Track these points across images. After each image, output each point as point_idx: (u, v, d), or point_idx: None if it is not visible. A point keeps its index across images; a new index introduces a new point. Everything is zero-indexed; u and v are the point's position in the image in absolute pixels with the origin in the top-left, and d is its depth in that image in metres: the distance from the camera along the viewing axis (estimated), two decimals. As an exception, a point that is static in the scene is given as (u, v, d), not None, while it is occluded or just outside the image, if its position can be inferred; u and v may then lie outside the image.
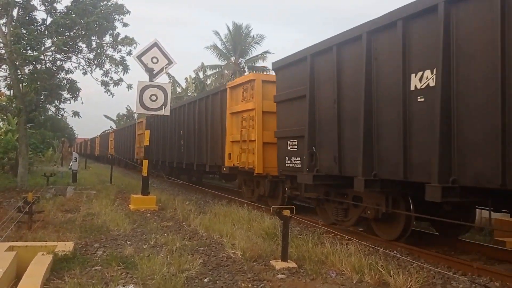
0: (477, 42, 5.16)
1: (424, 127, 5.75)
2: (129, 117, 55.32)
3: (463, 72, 5.29)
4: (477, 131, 5.09)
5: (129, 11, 14.38)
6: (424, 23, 5.83)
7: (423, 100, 5.77)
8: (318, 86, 7.94)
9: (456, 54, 5.38)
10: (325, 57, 7.71)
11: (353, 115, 6.96)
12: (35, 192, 10.27)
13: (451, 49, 5.41)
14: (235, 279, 5.02)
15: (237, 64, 37.32)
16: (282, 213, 5.67)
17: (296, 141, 8.68)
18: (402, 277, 4.80)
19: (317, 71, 7.97)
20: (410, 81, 5.95)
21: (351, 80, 7.10)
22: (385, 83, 6.43)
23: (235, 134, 11.54)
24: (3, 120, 22.90)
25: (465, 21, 5.31)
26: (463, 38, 5.32)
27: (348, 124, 7.14)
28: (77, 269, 5.09)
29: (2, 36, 13.72)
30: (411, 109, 5.93)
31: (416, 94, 5.87)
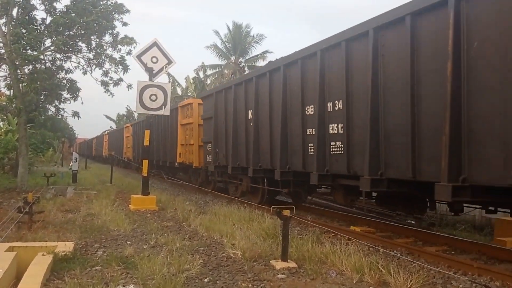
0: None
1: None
2: (129, 117, 55.37)
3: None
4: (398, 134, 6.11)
5: (128, 10, 14.39)
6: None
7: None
8: (217, 113, 12.95)
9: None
10: (227, 93, 12.28)
11: (232, 130, 11.71)
12: (35, 193, 10.28)
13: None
14: (235, 279, 5.02)
15: (237, 64, 37.35)
16: (282, 213, 5.67)
17: (210, 144, 13.45)
18: (402, 276, 4.79)
19: (216, 104, 13.03)
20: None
21: (230, 111, 11.90)
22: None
23: (182, 140, 16.39)
24: (3, 120, 22.90)
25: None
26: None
27: (230, 136, 11.87)
28: (77, 269, 5.08)
29: (2, 36, 13.71)
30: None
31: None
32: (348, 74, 7.16)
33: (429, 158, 5.67)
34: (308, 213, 10.20)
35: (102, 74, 14.62)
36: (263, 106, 10.07)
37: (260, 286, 4.81)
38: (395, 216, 9.89)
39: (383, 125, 6.44)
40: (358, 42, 6.98)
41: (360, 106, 6.90)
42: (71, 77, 15.08)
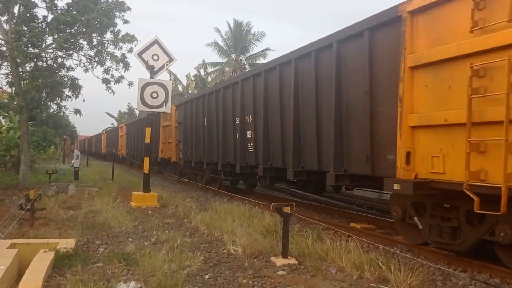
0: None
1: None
2: (130, 114, 55.40)
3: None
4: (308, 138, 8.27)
5: (129, 8, 14.38)
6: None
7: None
8: (186, 119, 15.92)
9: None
10: (191, 104, 15.40)
11: (195, 133, 14.88)
12: (37, 190, 10.31)
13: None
14: (236, 276, 5.05)
15: (238, 61, 37.32)
16: (282, 210, 5.69)
17: (181, 144, 16.56)
18: (402, 273, 4.82)
19: (186, 112, 16.07)
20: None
21: (194, 118, 15.07)
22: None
23: (163, 138, 19.79)
24: (5, 117, 22.95)
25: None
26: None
27: (193, 137, 14.98)
28: (78, 266, 5.11)
29: (3, 34, 13.73)
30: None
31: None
32: (254, 97, 10.44)
33: (326, 155, 7.64)
34: (308, 210, 10.23)
35: (103, 72, 14.67)
36: (212, 116, 13.40)
37: (260, 282, 4.84)
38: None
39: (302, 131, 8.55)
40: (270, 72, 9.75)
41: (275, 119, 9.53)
42: (72, 75, 15.12)
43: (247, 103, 10.82)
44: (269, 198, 12.51)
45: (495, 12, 4.74)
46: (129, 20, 14.50)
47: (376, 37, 6.49)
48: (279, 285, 4.76)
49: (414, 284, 4.70)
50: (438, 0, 5.35)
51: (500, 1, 4.70)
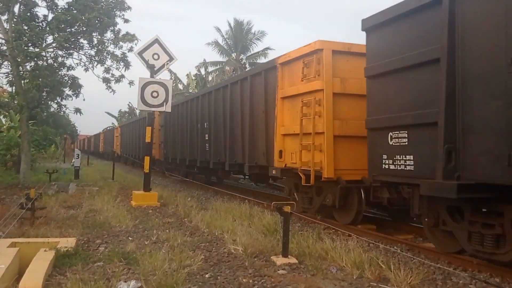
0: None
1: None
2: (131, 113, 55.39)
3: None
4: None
5: (130, 7, 14.38)
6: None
7: None
8: (166, 123, 19.70)
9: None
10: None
11: (172, 135, 18.52)
12: (38, 189, 10.32)
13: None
14: (236, 275, 5.05)
15: (239, 61, 37.31)
16: (283, 209, 5.69)
17: (163, 144, 20.51)
18: (402, 272, 4.82)
19: (166, 117, 19.40)
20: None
21: (172, 122, 18.80)
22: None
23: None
24: (6, 117, 22.95)
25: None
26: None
27: (171, 138, 18.70)
28: (79, 265, 5.12)
29: (4, 33, 13.73)
30: None
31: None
32: (209, 109, 13.80)
33: (246, 152, 10.79)
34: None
35: (103, 71, 14.63)
36: (183, 121, 16.69)
37: (261, 281, 4.84)
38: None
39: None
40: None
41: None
42: (73, 74, 15.10)
43: (205, 113, 14.23)
44: (268, 197, 12.49)
45: (311, 70, 8.13)
46: (129, 19, 14.52)
47: (267, 76, 9.91)
48: (280, 284, 4.76)
49: (414, 283, 4.71)
50: (290, 59, 8.90)
51: (310, 63, 8.20)
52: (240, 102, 11.33)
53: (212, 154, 13.33)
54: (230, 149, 11.85)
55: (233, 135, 11.78)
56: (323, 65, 7.85)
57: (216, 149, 13.11)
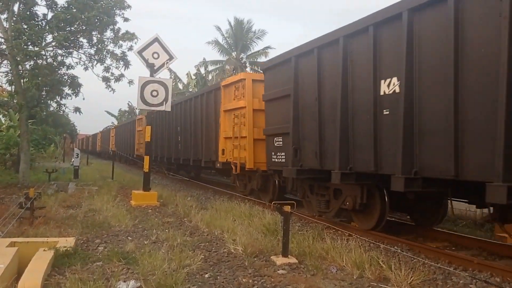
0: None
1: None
2: (131, 112, 55.35)
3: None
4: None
5: (130, 6, 14.31)
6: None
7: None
8: (152, 125, 15.66)
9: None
10: (155, 115, 15.93)
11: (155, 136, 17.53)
12: (37, 188, 10.31)
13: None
14: (236, 275, 5.03)
15: (239, 60, 37.28)
16: (283, 209, 5.68)
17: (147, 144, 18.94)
18: (403, 272, 4.80)
19: (152, 120, 14.65)
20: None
21: (156, 125, 18.15)
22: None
23: (138, 140, 21.90)
24: (5, 116, 22.92)
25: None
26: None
27: (155, 138, 17.67)
28: (78, 265, 5.10)
29: (3, 32, 13.70)
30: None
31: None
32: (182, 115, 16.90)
33: (202, 151, 14.21)
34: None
35: (103, 70, 14.58)
36: (164, 124, 19.18)
37: (260, 281, 4.82)
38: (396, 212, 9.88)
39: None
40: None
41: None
42: (72, 73, 15.06)
43: (178, 119, 16.93)
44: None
45: (239, 92, 11.35)
46: (129, 18, 14.46)
47: (215, 94, 13.20)
48: (279, 284, 4.74)
49: (415, 283, 4.69)
50: (228, 84, 12.27)
51: (239, 87, 11.44)
52: (200, 112, 14.51)
53: (182, 152, 16.42)
54: (194, 148, 14.96)
55: (196, 137, 14.83)
56: (246, 89, 11.07)
57: (185, 148, 16.10)
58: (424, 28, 5.71)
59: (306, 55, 8.21)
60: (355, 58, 6.95)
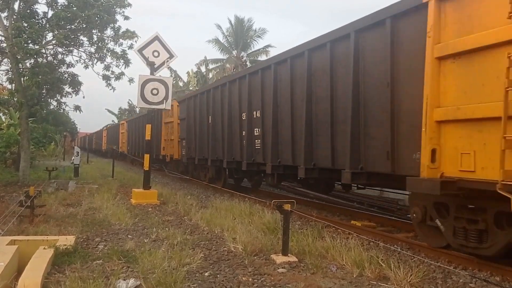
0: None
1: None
2: (131, 111, 55.37)
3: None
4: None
5: (130, 4, 14.33)
6: None
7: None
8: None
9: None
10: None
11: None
12: (37, 186, 10.30)
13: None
14: (236, 273, 5.04)
15: (239, 58, 37.25)
16: (283, 208, 5.68)
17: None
18: (402, 271, 4.80)
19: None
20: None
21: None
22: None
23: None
24: (5, 114, 22.91)
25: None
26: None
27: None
28: (78, 263, 5.11)
29: (3, 30, 13.69)
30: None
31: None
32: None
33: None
34: (309, 208, 10.21)
35: (103, 68, 14.62)
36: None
37: (260, 280, 4.82)
38: (396, 211, 9.90)
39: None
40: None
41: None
42: (72, 71, 15.08)
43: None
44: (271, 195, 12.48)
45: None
46: (129, 16, 14.47)
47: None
48: (279, 283, 4.74)
49: (414, 282, 4.69)
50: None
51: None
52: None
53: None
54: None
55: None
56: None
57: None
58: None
59: None
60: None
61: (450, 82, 5.18)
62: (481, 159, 4.77)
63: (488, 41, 4.72)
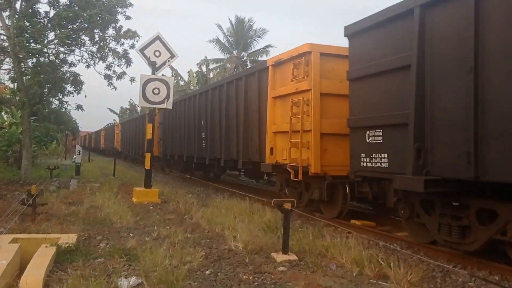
0: None
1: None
2: (132, 110, 55.42)
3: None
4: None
5: (131, 4, 14.39)
6: None
7: None
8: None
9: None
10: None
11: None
12: (39, 185, 10.35)
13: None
14: (236, 271, 5.07)
15: (240, 58, 37.27)
16: (283, 206, 5.71)
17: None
18: (402, 269, 4.83)
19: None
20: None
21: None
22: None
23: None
24: (7, 113, 22.97)
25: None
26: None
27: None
28: (80, 261, 5.14)
29: (6, 29, 13.74)
30: None
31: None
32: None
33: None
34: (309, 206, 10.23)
35: (105, 68, 14.66)
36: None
37: (261, 278, 4.86)
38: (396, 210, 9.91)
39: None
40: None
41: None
42: (74, 71, 15.14)
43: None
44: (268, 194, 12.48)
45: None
46: (131, 16, 14.52)
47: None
48: (280, 281, 4.78)
49: (414, 281, 4.72)
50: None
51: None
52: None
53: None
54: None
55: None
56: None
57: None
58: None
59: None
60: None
61: (277, 111, 9.52)
62: (286, 152, 8.86)
63: (286, 92, 9.01)
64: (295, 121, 8.57)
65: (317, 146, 8.13)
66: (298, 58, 8.66)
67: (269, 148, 9.59)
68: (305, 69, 8.40)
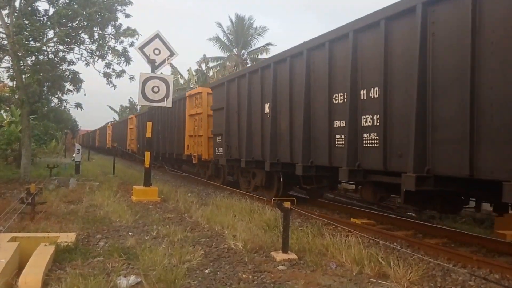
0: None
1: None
2: (132, 108, 55.36)
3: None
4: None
5: (131, 2, 14.34)
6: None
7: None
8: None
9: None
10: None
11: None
12: (38, 183, 10.33)
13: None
14: (236, 270, 5.06)
15: (240, 56, 37.26)
16: (283, 205, 5.69)
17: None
18: (402, 268, 4.82)
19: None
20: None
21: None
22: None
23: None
24: (7, 111, 22.93)
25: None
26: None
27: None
28: (79, 260, 5.13)
29: (5, 27, 13.70)
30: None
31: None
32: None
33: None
34: (309, 206, 10.23)
35: (104, 66, 14.63)
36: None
37: (260, 277, 4.84)
38: (396, 209, 9.92)
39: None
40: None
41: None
42: (73, 69, 15.08)
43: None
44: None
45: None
46: (130, 14, 14.50)
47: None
48: (279, 280, 4.77)
49: (414, 280, 4.71)
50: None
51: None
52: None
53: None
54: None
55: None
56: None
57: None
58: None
59: None
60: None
61: (189, 123, 16.10)
62: (191, 147, 15.96)
63: (193, 112, 15.91)
64: (196, 129, 15.37)
65: (206, 143, 14.56)
66: (197, 95, 15.80)
67: (186, 145, 16.32)
68: (200, 101, 15.12)
